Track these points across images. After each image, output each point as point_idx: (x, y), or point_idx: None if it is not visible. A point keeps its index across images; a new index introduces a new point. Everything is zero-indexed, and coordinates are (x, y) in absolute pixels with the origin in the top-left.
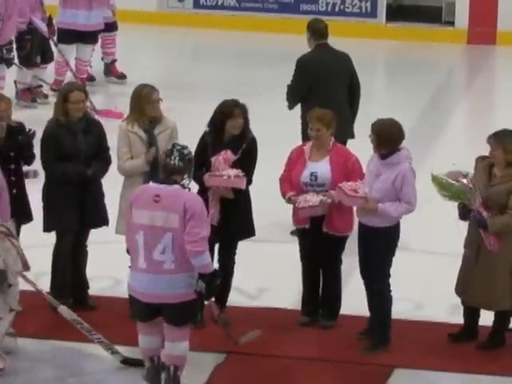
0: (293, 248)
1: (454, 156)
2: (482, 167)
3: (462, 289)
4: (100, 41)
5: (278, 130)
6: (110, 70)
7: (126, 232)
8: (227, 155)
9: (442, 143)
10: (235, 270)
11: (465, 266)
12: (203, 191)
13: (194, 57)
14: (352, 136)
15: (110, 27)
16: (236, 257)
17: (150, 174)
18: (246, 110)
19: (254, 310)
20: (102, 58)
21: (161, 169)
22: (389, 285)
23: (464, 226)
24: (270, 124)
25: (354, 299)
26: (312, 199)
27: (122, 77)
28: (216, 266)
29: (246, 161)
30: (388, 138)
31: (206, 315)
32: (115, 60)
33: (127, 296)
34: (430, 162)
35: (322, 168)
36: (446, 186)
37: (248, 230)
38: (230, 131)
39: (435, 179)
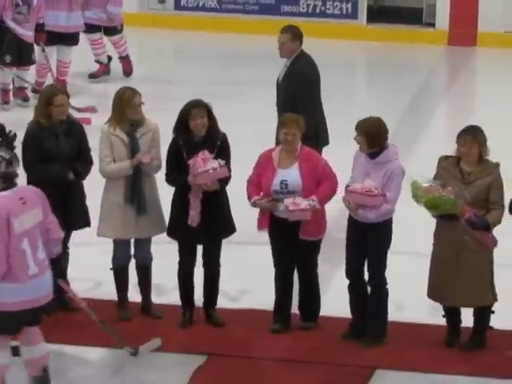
0: None
1: (435, 157)
2: (449, 166)
3: (438, 293)
4: (110, 42)
5: (258, 129)
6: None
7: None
8: (205, 155)
9: (423, 144)
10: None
11: (442, 267)
12: (184, 194)
13: (175, 58)
14: (328, 142)
15: (113, 30)
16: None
17: (133, 177)
18: (209, 108)
19: (235, 312)
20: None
21: (2, 178)
22: (385, 278)
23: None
24: (250, 124)
25: (333, 304)
26: (302, 203)
27: (128, 73)
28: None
29: (223, 157)
30: (378, 135)
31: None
32: (122, 57)
33: (108, 298)
34: (411, 162)
35: (291, 175)
36: (437, 204)
37: (230, 227)
38: (195, 132)
39: (429, 200)
